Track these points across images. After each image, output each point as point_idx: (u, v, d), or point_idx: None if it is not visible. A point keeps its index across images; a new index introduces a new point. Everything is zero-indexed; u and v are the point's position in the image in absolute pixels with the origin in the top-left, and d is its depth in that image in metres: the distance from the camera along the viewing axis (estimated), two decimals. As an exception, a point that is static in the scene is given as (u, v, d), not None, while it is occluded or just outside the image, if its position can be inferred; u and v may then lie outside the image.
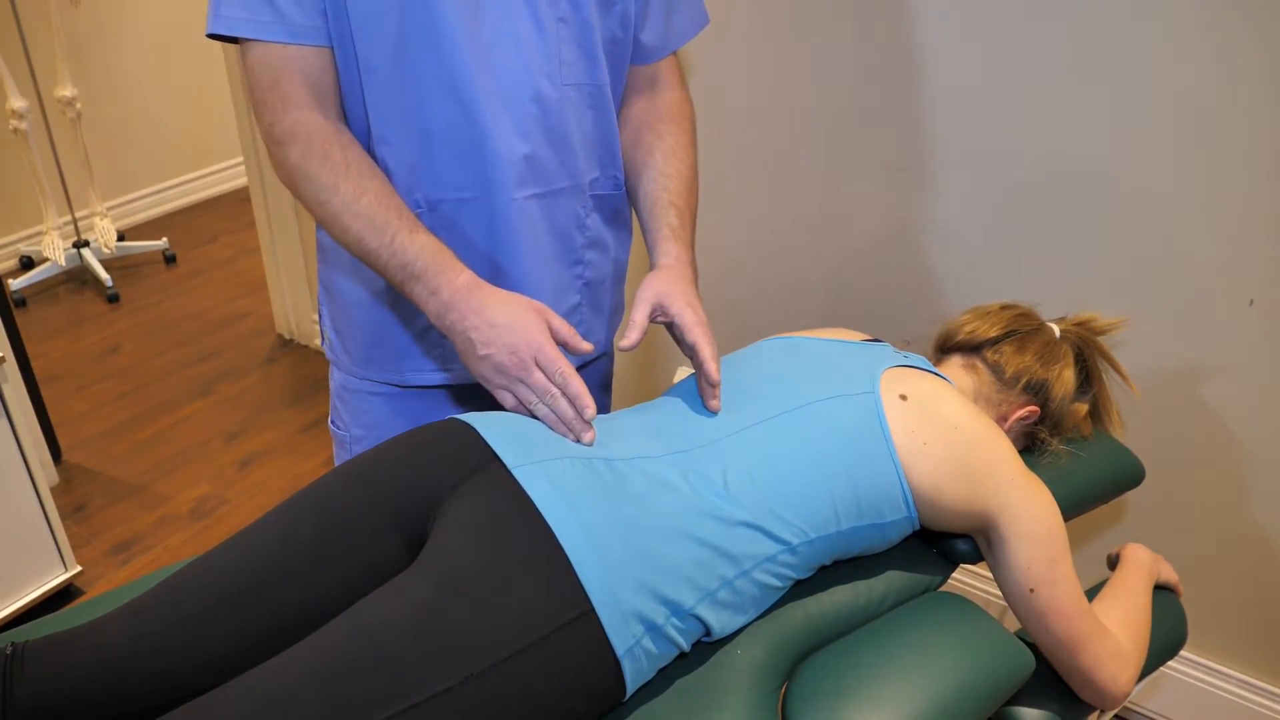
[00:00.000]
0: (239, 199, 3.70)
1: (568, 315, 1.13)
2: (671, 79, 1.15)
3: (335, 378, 1.21)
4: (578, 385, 0.91)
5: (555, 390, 0.92)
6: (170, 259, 3.25)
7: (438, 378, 1.14)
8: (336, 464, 1.23)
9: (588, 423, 0.92)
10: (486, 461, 0.89)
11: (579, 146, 1.05)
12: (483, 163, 1.00)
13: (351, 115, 1.02)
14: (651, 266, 1.05)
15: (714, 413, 0.98)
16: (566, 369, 0.91)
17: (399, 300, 1.10)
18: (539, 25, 0.97)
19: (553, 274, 1.09)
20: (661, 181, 1.08)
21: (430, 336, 1.11)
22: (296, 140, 0.94)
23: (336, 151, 0.95)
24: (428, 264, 0.94)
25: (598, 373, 1.27)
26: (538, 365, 0.91)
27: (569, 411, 0.92)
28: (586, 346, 0.95)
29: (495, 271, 1.07)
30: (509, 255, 1.05)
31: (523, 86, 0.98)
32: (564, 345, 0.95)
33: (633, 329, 0.96)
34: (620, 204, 1.15)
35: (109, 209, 3.37)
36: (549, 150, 1.02)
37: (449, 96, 0.97)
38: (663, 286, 0.99)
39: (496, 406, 1.19)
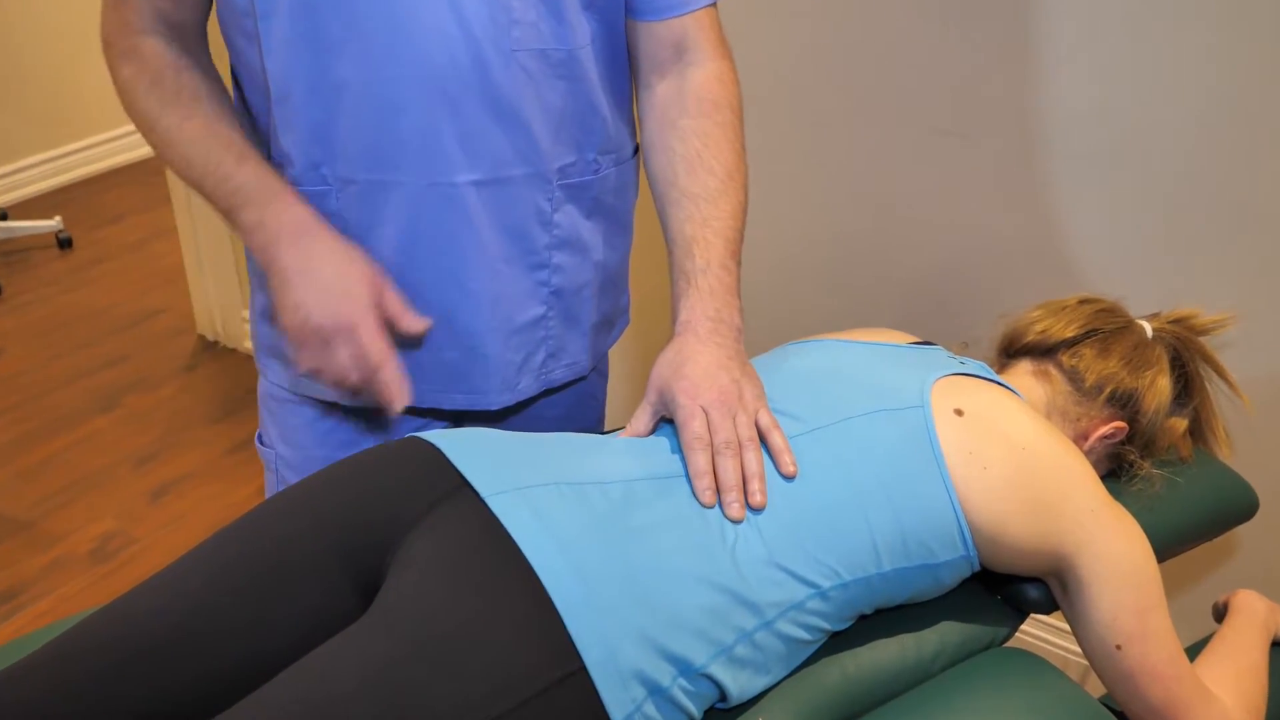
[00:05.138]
0: (150, 170, 3.71)
1: (529, 329, 1.14)
2: (703, 47, 1.10)
3: (261, 384, 1.23)
4: (389, 373, 1.01)
5: (355, 376, 1.01)
6: (65, 243, 3.25)
7: (347, 397, 1.13)
8: (267, 492, 1.25)
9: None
10: (455, 489, 0.90)
11: (541, 125, 1.04)
12: (400, 139, 1.01)
13: (248, 68, 1.04)
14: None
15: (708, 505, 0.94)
16: (379, 357, 1.00)
17: None
18: None
19: (501, 279, 1.09)
20: (685, 208, 1.06)
21: None
22: (131, 60, 1.05)
23: (169, 77, 1.04)
24: (255, 189, 1.02)
25: (577, 394, 1.27)
26: (347, 343, 1.00)
27: (365, 392, 1.02)
28: (417, 326, 1.04)
29: (412, 273, 1.07)
30: (433, 253, 1.06)
31: (456, 49, 0.98)
32: (393, 321, 1.03)
33: (628, 428, 1.02)
34: (603, 192, 1.14)
35: (-10, 182, 3.39)
36: (495, 128, 1.02)
37: (360, 57, 0.98)
38: (662, 376, 1.00)
39: (460, 425, 1.21)
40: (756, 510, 0.93)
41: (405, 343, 1.08)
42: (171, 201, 2.69)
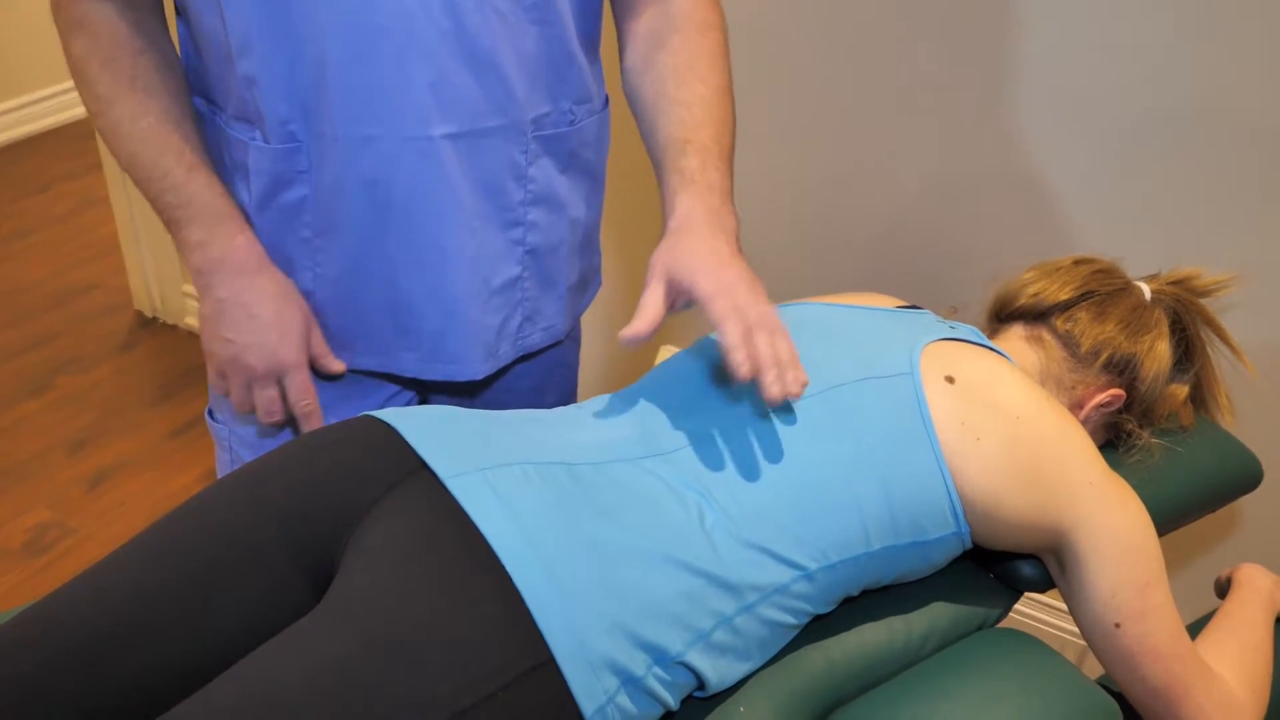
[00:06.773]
0: (78, 133, 3.67)
1: (506, 290, 1.14)
2: None
3: None
4: (316, 423, 1.11)
5: (279, 414, 1.10)
6: (-11, 214, 3.22)
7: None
8: (219, 473, 1.24)
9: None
10: (412, 471, 0.90)
11: (515, 73, 1.04)
12: (370, 89, 1.00)
13: (199, 23, 1.02)
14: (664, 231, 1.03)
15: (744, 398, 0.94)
16: (313, 405, 1.10)
17: (287, 259, 1.11)
18: None
19: (477, 240, 1.09)
20: (675, 114, 1.07)
21: (325, 313, 1.13)
22: (82, 32, 1.03)
23: (124, 57, 1.04)
24: (203, 207, 1.06)
25: (550, 362, 1.27)
26: (279, 383, 1.09)
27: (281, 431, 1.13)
28: (336, 367, 1.14)
29: (387, 236, 1.07)
30: (408, 213, 1.06)
31: None
32: (315, 361, 1.12)
33: (638, 317, 0.93)
34: (579, 145, 1.14)
35: (-95, 148, 3.34)
36: (469, 77, 1.02)
37: (323, 1, 0.97)
38: (672, 255, 0.96)
39: (430, 398, 1.20)
40: (794, 399, 0.90)
41: (389, 312, 1.11)
42: (103, 167, 2.66)
